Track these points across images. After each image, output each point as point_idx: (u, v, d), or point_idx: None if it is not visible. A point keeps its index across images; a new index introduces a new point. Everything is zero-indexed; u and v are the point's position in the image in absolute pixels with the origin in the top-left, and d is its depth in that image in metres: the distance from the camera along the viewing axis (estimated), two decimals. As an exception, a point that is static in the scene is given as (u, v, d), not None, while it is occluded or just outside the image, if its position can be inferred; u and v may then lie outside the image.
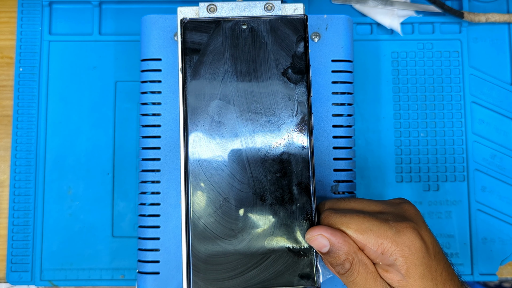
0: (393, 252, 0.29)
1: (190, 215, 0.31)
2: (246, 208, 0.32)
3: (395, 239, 0.29)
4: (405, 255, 0.29)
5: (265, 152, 0.32)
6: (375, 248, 0.29)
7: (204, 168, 0.32)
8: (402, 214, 0.31)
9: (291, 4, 0.34)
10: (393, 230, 0.29)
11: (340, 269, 0.30)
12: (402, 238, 0.29)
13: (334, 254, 0.30)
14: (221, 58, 0.32)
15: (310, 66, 0.32)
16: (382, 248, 0.29)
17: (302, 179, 0.32)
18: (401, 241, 0.29)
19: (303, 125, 0.32)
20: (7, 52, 0.47)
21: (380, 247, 0.29)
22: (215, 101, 0.32)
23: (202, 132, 0.32)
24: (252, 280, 0.31)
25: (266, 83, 0.32)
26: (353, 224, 0.30)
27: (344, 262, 0.30)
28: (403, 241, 0.29)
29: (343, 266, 0.30)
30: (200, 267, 0.31)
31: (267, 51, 0.32)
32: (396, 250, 0.29)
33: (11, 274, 0.44)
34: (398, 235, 0.29)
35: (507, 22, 0.46)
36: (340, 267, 0.30)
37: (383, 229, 0.29)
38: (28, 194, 0.45)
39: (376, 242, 0.29)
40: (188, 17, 0.33)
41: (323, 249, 0.30)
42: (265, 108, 0.32)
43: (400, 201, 0.33)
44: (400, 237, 0.29)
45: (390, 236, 0.29)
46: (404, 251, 0.29)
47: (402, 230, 0.30)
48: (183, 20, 0.33)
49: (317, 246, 0.30)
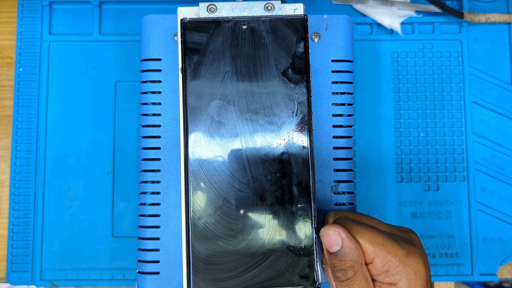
0: (399, 272, 0.30)
1: (190, 215, 0.31)
2: (246, 208, 0.32)
3: (403, 260, 0.30)
4: (409, 278, 0.30)
5: (265, 152, 0.32)
6: (383, 263, 0.30)
7: (204, 168, 0.32)
8: (410, 240, 0.32)
9: (291, 4, 0.34)
10: (404, 251, 0.30)
11: (341, 275, 0.30)
12: (410, 261, 0.30)
13: (341, 257, 0.30)
14: (221, 58, 0.32)
15: (310, 66, 0.32)
16: (389, 265, 0.30)
17: (302, 179, 0.32)
18: (409, 264, 0.30)
19: (303, 125, 0.32)
20: (7, 52, 0.47)
21: (387, 264, 0.30)
22: (215, 101, 0.32)
23: (202, 132, 0.32)
24: (252, 280, 0.31)
25: (266, 83, 0.32)
26: (367, 235, 0.30)
27: (348, 268, 0.30)
28: (411, 264, 0.30)
29: (346, 273, 0.30)
30: (200, 267, 0.31)
31: (267, 51, 0.32)
32: (402, 271, 0.30)
33: (11, 274, 0.44)
34: (407, 257, 0.30)
35: (507, 22, 0.46)
36: (342, 272, 0.30)
37: (394, 247, 0.30)
38: (28, 194, 0.45)
39: (385, 257, 0.30)
40: (188, 17, 0.33)
41: (333, 248, 0.30)
42: (265, 108, 0.32)
43: (407, 230, 0.34)
44: (408, 259, 0.30)
45: (400, 256, 0.30)
46: (409, 273, 0.30)
47: (412, 254, 0.30)
48: (183, 20, 0.33)
49: (329, 242, 0.30)
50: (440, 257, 0.44)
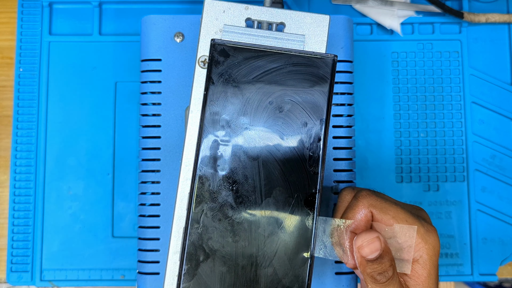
0: (421, 249, 0.30)
1: (190, 215, 0.31)
2: (248, 210, 0.31)
3: (425, 237, 0.30)
4: (430, 254, 0.30)
5: (278, 155, 0.31)
6: (406, 239, 0.30)
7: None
8: (424, 218, 0.32)
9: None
10: (425, 228, 0.30)
11: (382, 277, 0.29)
12: (430, 238, 0.30)
13: (382, 260, 0.29)
14: (245, 86, 0.32)
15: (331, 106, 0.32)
16: (412, 241, 0.30)
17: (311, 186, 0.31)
18: (430, 241, 0.30)
19: (317, 142, 0.32)
20: (7, 52, 0.47)
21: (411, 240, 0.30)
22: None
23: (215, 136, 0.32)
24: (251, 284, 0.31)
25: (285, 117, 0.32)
26: (391, 211, 0.31)
27: (389, 268, 0.29)
28: (431, 241, 0.30)
29: (387, 274, 0.29)
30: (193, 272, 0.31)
31: (289, 85, 0.32)
32: (424, 247, 0.30)
33: (11, 274, 0.44)
34: (427, 234, 0.30)
35: (507, 22, 0.46)
36: (383, 275, 0.29)
37: (417, 224, 0.30)
38: (28, 195, 0.45)
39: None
40: (218, 39, 0.32)
41: (374, 254, 0.29)
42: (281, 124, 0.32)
43: (419, 208, 0.34)
44: (429, 236, 0.30)
45: (422, 233, 0.30)
46: (430, 250, 0.30)
47: (431, 231, 0.31)
48: (213, 41, 0.32)
49: (371, 250, 0.29)
50: (440, 257, 0.44)
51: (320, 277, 0.37)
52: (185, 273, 0.31)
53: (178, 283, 0.31)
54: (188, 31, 0.39)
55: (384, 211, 0.31)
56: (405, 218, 0.30)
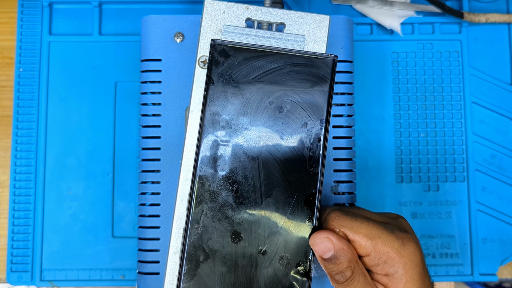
0: (396, 263, 0.30)
1: (190, 216, 0.31)
2: (248, 210, 0.31)
3: (400, 251, 0.30)
4: (406, 268, 0.30)
5: (278, 155, 0.31)
6: (380, 255, 0.30)
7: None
8: (402, 227, 0.32)
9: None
10: (400, 241, 0.30)
11: (340, 277, 0.30)
12: (406, 250, 0.30)
13: (337, 260, 0.30)
14: (245, 86, 0.32)
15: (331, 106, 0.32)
16: (386, 257, 0.30)
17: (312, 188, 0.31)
18: (405, 253, 0.30)
19: (317, 143, 0.32)
20: (7, 52, 0.47)
21: (384, 255, 0.30)
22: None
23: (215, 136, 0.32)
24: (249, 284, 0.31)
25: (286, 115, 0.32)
26: (363, 229, 0.30)
27: (345, 270, 0.30)
28: (407, 253, 0.30)
29: (344, 274, 0.30)
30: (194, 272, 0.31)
31: (290, 85, 0.32)
32: (399, 262, 0.30)
33: (11, 274, 0.44)
34: (403, 248, 0.30)
35: (507, 22, 0.46)
36: (341, 275, 0.30)
37: (391, 238, 0.30)
38: (28, 195, 0.45)
39: (382, 250, 0.30)
40: (218, 39, 0.32)
41: (327, 254, 0.30)
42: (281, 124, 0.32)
43: (396, 216, 0.34)
44: (404, 249, 0.30)
45: (396, 247, 0.30)
46: (406, 264, 0.30)
47: (407, 243, 0.30)
48: (214, 41, 0.32)
49: (322, 250, 0.30)
50: (440, 257, 0.44)
51: (320, 277, 0.37)
52: (185, 273, 0.31)
53: (178, 283, 0.31)
54: (188, 31, 0.39)
55: (355, 230, 0.30)
56: (378, 234, 0.30)
